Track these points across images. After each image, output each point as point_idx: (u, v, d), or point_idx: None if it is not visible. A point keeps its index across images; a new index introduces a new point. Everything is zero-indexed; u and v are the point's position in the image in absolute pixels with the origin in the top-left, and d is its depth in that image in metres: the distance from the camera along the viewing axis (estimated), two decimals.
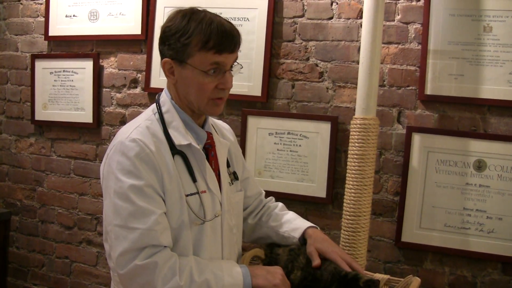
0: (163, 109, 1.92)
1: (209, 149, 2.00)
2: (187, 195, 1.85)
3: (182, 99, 1.91)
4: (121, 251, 1.72)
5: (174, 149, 1.86)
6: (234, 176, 2.14)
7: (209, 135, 2.00)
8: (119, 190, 1.75)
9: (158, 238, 1.73)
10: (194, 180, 1.89)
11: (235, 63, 1.91)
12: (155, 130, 1.87)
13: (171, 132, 1.88)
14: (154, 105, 1.97)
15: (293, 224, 2.21)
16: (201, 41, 1.79)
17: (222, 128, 2.22)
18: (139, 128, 1.85)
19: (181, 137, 1.88)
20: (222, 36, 1.81)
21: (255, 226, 2.30)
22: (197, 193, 1.89)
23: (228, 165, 2.13)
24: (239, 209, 2.17)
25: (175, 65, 1.86)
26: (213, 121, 2.16)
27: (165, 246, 1.76)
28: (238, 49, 1.90)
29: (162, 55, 1.89)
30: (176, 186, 1.83)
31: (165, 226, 1.78)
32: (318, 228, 2.21)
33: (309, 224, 2.20)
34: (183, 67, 1.84)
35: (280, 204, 2.37)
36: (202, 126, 1.99)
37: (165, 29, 1.86)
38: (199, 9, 1.88)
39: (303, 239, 2.14)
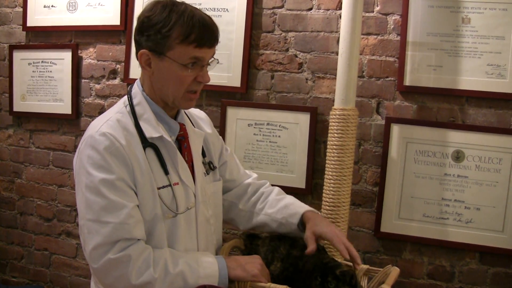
0: (135, 101, 1.91)
1: (182, 141, 1.99)
2: (159, 188, 1.85)
3: (156, 91, 1.90)
4: (94, 245, 1.73)
5: (146, 142, 1.85)
6: (209, 166, 2.12)
7: (182, 127, 1.99)
8: (90, 184, 1.75)
9: (131, 231, 1.73)
10: (166, 172, 1.88)
11: (213, 58, 1.91)
12: (126, 123, 1.86)
13: (142, 124, 1.87)
14: (125, 97, 1.96)
15: (290, 209, 2.17)
16: (183, 34, 1.78)
17: (197, 118, 2.20)
18: (109, 122, 1.84)
19: (152, 130, 1.87)
20: (204, 30, 1.81)
21: (249, 213, 2.26)
22: (170, 185, 1.88)
23: (204, 155, 2.12)
24: (217, 199, 2.16)
25: (152, 57, 1.84)
26: (188, 111, 2.14)
27: (138, 239, 1.76)
28: (217, 44, 1.90)
29: (139, 45, 1.88)
30: (147, 179, 1.82)
31: (138, 219, 1.78)
32: (318, 212, 2.19)
33: (307, 208, 2.17)
34: (161, 59, 1.83)
35: (276, 189, 2.32)
36: (175, 118, 1.99)
37: (143, 19, 1.85)
38: (178, 1, 1.87)
39: (301, 224, 2.12)
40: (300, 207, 2.18)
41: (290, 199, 2.25)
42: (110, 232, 1.71)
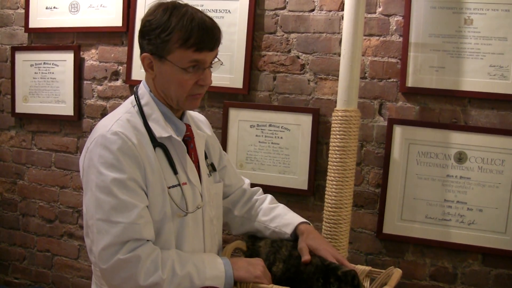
0: (142, 102, 1.91)
1: (188, 141, 1.99)
2: (169, 187, 1.86)
3: (160, 94, 1.91)
4: (104, 245, 1.72)
5: (155, 142, 1.86)
6: (212, 167, 2.14)
7: (188, 127, 2.00)
8: (101, 183, 1.75)
9: (141, 232, 1.73)
10: (175, 172, 1.89)
11: (215, 60, 1.91)
12: (136, 123, 1.86)
13: (151, 124, 1.87)
14: (132, 97, 1.96)
15: (284, 219, 2.18)
16: (182, 38, 1.78)
17: (197, 121, 2.21)
18: (119, 121, 1.84)
19: (161, 129, 1.87)
20: (203, 34, 1.80)
21: (243, 219, 2.28)
22: (179, 185, 1.89)
23: (206, 157, 2.12)
24: (219, 200, 2.17)
25: (154, 61, 1.85)
26: (189, 113, 2.15)
27: (147, 240, 1.76)
28: (218, 47, 1.89)
29: (142, 49, 1.88)
30: (158, 179, 1.83)
31: (148, 220, 1.78)
32: (311, 224, 2.19)
33: (301, 219, 2.18)
34: (163, 63, 1.83)
35: (269, 197, 2.34)
36: (181, 119, 1.99)
37: (145, 23, 1.85)
38: (181, 3, 1.86)
39: (294, 235, 2.13)
40: (294, 218, 2.20)
41: (283, 208, 2.28)
42: (120, 232, 1.71)
